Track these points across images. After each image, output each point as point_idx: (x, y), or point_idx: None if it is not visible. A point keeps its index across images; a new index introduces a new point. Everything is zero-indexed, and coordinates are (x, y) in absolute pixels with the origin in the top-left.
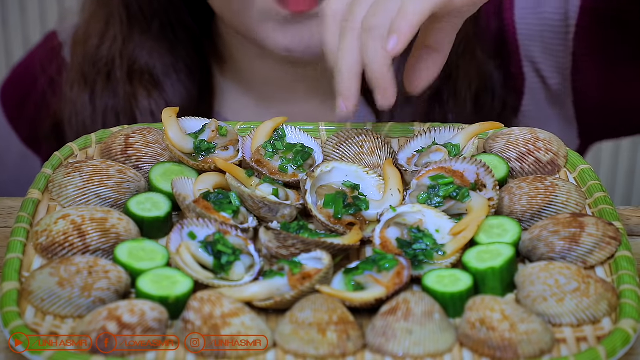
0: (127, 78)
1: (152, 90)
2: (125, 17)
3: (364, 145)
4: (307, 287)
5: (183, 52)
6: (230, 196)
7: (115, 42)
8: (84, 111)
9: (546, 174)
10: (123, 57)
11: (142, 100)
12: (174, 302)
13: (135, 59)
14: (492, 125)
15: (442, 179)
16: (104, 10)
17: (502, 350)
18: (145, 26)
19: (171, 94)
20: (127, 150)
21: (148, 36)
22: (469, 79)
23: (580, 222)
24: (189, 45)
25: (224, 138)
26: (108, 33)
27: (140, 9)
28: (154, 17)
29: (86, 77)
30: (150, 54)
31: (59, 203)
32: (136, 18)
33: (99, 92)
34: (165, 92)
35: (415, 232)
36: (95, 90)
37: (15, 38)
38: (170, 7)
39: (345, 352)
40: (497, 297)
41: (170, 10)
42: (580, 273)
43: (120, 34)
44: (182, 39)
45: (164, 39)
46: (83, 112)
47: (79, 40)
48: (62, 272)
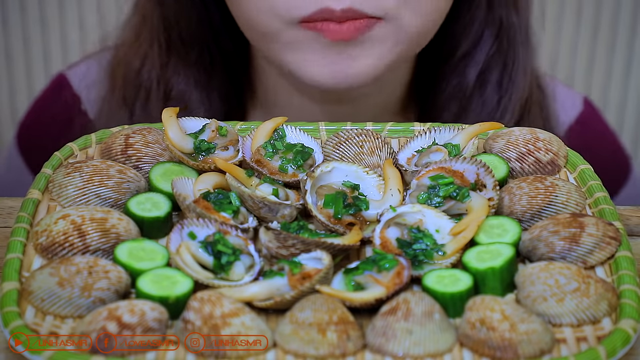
0: (163, 105)
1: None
2: (164, 42)
3: (364, 145)
4: (307, 287)
5: (218, 81)
6: (230, 196)
7: (154, 68)
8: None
9: (546, 174)
10: (160, 83)
11: None
12: (174, 302)
13: (172, 86)
14: (492, 125)
15: (442, 179)
16: (147, 37)
17: (502, 350)
18: (183, 53)
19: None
20: (127, 150)
21: (186, 63)
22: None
23: (580, 222)
24: (225, 75)
25: (224, 138)
26: (147, 58)
27: (179, 35)
28: (192, 44)
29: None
30: (187, 82)
31: (59, 203)
32: (175, 44)
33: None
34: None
35: (415, 232)
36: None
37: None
38: (210, 35)
39: (345, 352)
40: (497, 297)
41: (210, 38)
42: (580, 273)
43: (158, 60)
44: (218, 68)
45: (201, 67)
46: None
47: (118, 67)
48: (62, 272)
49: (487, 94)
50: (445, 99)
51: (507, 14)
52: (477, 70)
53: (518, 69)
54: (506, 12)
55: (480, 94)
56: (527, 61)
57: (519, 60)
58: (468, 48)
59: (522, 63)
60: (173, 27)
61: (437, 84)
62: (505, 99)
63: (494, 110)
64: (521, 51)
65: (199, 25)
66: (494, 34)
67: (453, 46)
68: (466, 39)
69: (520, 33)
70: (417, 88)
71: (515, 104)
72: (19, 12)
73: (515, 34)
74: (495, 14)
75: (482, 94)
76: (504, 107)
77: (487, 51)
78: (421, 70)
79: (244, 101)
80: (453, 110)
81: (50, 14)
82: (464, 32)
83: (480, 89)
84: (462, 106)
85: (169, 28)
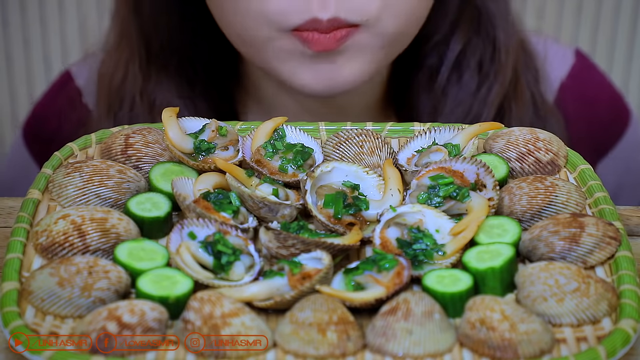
0: (149, 115)
1: None
2: (144, 53)
3: (364, 145)
4: (307, 287)
5: (201, 89)
6: (230, 196)
7: (135, 81)
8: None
9: (546, 174)
10: (143, 95)
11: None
12: (174, 302)
13: (154, 97)
14: (492, 125)
15: (442, 179)
16: (126, 48)
17: (502, 350)
18: (163, 63)
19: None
20: (127, 150)
21: (167, 73)
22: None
23: (580, 222)
24: (209, 82)
25: (224, 138)
26: (128, 73)
27: (160, 45)
28: (173, 54)
29: (111, 112)
30: (170, 92)
31: (58, 203)
32: (155, 55)
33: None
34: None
35: (415, 232)
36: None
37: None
38: (191, 44)
39: (345, 352)
40: (497, 297)
41: (189, 48)
42: (580, 273)
43: (139, 71)
44: (200, 77)
45: (183, 76)
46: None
47: (102, 80)
48: (62, 272)
49: (464, 81)
50: (421, 85)
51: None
52: (454, 55)
53: (500, 52)
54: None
55: (457, 81)
56: (508, 41)
57: (500, 44)
58: (444, 35)
59: (503, 46)
60: (152, 37)
61: (412, 72)
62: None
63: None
64: (501, 35)
65: (178, 34)
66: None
67: (429, 33)
68: (442, 27)
69: (500, 17)
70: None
71: (499, 88)
72: (19, 12)
73: (494, 19)
74: (471, 2)
75: (459, 81)
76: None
77: (463, 38)
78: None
79: (234, 99)
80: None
81: (50, 14)
82: (439, 20)
83: (458, 76)
84: (436, 97)
85: (147, 38)
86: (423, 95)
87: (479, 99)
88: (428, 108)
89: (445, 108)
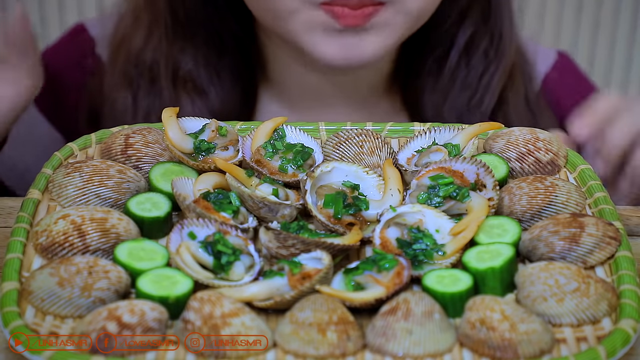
0: (172, 84)
1: (195, 98)
2: (170, 23)
3: (363, 145)
4: (307, 287)
5: (228, 60)
6: (230, 196)
7: (160, 47)
8: (124, 111)
9: (546, 174)
10: (168, 63)
11: (185, 106)
12: (174, 302)
13: (179, 65)
14: (492, 125)
15: (442, 179)
16: (149, 14)
17: (502, 350)
18: (190, 33)
19: (214, 101)
20: (127, 150)
21: (193, 43)
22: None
23: (580, 222)
24: (235, 53)
25: (224, 138)
26: (152, 37)
27: (186, 15)
28: (199, 24)
29: (128, 78)
30: (195, 61)
31: (58, 203)
32: (181, 25)
33: (142, 95)
34: (208, 100)
35: (415, 232)
36: (138, 93)
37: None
38: (216, 15)
39: (345, 352)
40: (497, 297)
41: (216, 19)
42: (580, 273)
43: (165, 39)
44: (228, 46)
45: (210, 46)
46: (123, 113)
47: (120, 41)
48: (62, 272)
49: (472, 65)
50: (430, 68)
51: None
52: (464, 40)
53: (505, 42)
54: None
55: (466, 64)
56: (511, 32)
57: (505, 34)
58: (454, 21)
59: (507, 36)
60: (179, 7)
61: (421, 56)
62: (490, 70)
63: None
64: (506, 26)
65: (204, 6)
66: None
67: (441, 18)
68: (453, 12)
69: (506, 9)
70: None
71: (502, 75)
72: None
73: (501, 9)
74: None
75: (468, 64)
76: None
77: (473, 25)
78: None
79: (255, 80)
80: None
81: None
82: (451, 5)
83: (467, 60)
84: (444, 81)
85: (175, 8)
86: (430, 78)
87: (482, 84)
88: (436, 91)
89: (453, 91)
